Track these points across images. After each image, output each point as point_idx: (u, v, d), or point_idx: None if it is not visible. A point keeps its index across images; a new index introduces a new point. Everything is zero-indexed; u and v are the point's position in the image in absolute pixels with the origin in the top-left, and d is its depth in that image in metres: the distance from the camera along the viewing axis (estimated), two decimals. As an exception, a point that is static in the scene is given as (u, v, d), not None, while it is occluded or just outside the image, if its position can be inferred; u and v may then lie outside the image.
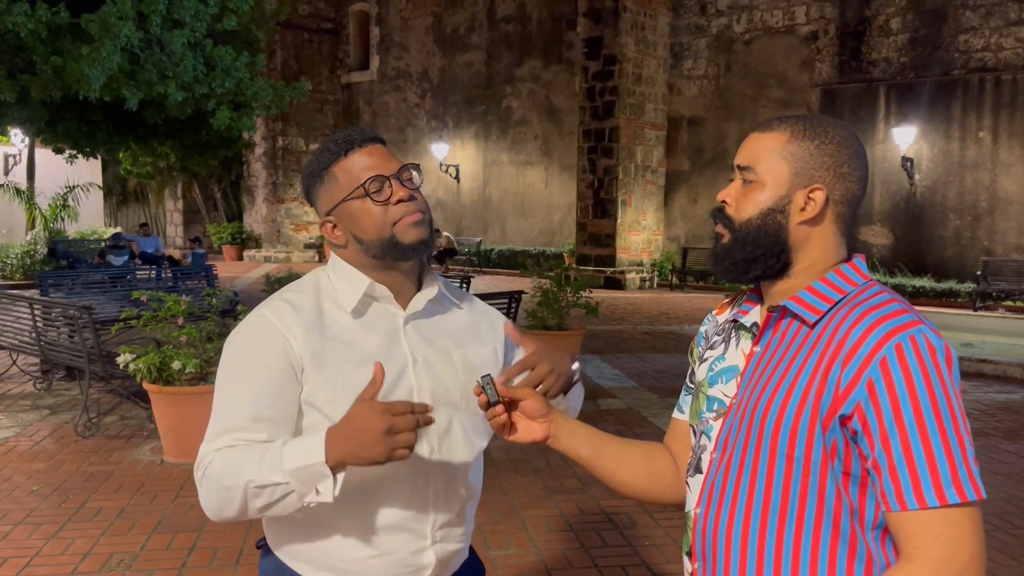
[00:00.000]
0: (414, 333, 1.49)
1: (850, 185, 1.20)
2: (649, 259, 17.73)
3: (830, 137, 1.20)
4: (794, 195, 1.20)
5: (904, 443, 1.06)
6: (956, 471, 1.05)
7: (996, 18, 13.96)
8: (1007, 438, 5.83)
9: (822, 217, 1.20)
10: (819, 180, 1.19)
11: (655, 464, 1.43)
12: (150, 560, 3.63)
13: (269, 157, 23.38)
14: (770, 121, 1.25)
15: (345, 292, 1.47)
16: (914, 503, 1.05)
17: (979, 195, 14.27)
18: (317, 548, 1.45)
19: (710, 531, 1.22)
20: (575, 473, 4.88)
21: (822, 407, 1.11)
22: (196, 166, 15.73)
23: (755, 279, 1.25)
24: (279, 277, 9.29)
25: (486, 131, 20.97)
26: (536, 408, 1.37)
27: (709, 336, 1.38)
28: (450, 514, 1.48)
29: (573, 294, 7.43)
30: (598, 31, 16.72)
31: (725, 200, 1.26)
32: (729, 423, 1.23)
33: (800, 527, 1.14)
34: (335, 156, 1.44)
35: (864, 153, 1.24)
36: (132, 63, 9.26)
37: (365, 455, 1.23)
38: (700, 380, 1.34)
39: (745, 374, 1.24)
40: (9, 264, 17.12)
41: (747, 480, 1.18)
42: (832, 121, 1.23)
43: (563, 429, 1.39)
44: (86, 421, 5.75)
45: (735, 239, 1.23)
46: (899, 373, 1.07)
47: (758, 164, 1.22)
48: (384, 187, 1.42)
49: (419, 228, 1.44)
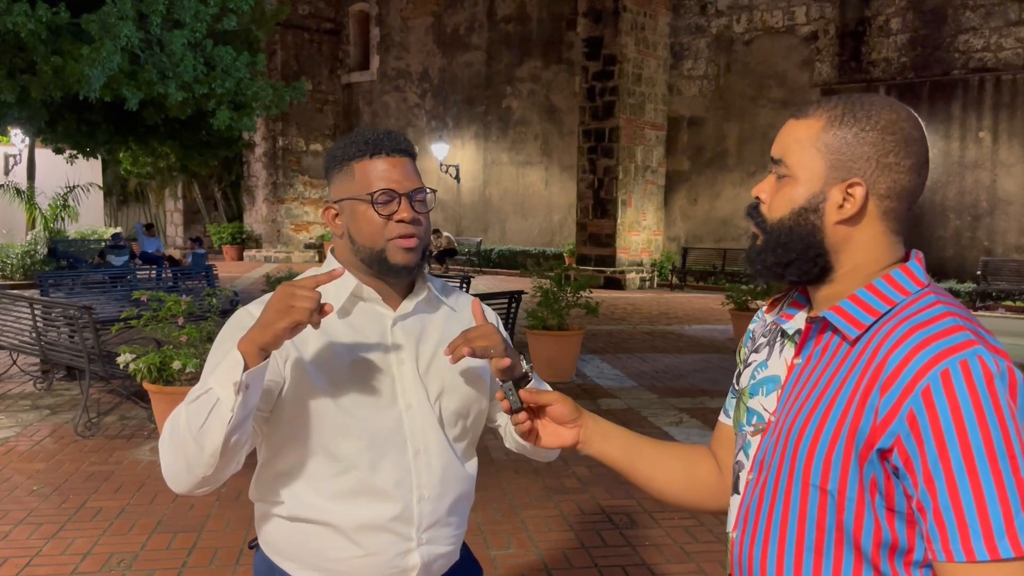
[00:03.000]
0: (402, 334, 1.49)
1: (898, 176, 1.06)
2: (649, 259, 17.73)
3: (873, 122, 1.05)
4: (830, 191, 1.07)
5: (951, 486, 0.92)
6: (1012, 520, 0.90)
7: (996, 18, 13.96)
8: (1007, 438, 5.83)
9: (864, 215, 1.06)
10: (858, 173, 1.05)
11: (697, 471, 1.34)
12: (150, 560, 3.63)
13: (269, 157, 23.38)
14: (807, 106, 1.12)
15: (334, 291, 1.47)
16: (962, 555, 0.91)
17: (979, 195, 14.27)
18: (303, 547, 1.45)
19: (746, 558, 1.14)
20: (575, 473, 4.88)
21: (858, 438, 0.99)
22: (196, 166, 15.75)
23: (793, 284, 1.14)
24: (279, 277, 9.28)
25: (486, 131, 20.97)
26: (564, 413, 1.32)
27: (756, 336, 1.28)
28: (437, 516, 1.47)
29: (573, 294, 7.43)
30: (598, 31, 16.72)
31: (759, 196, 1.15)
32: (766, 444, 1.13)
33: (838, 566, 1.04)
34: (360, 153, 1.45)
35: (919, 137, 1.07)
36: (132, 63, 9.27)
37: (265, 318, 1.25)
38: (742, 387, 1.25)
39: (785, 389, 1.14)
40: (9, 264, 17.12)
41: (779, 510, 1.09)
42: (880, 102, 1.08)
43: (594, 434, 1.33)
44: (86, 421, 5.75)
45: (767, 241, 1.12)
46: (944, 404, 0.93)
47: (789, 156, 1.10)
48: (392, 202, 1.43)
49: (410, 254, 1.44)
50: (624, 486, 4.66)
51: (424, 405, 1.47)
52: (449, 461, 1.49)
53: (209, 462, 1.29)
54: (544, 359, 7.43)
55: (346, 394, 1.42)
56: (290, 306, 1.23)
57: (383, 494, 1.43)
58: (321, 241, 24.02)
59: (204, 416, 1.27)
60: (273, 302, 1.26)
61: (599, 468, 4.99)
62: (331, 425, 1.41)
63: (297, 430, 1.42)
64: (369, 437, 1.42)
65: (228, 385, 1.25)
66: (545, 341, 7.40)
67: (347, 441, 1.41)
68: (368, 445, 1.42)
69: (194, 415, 1.28)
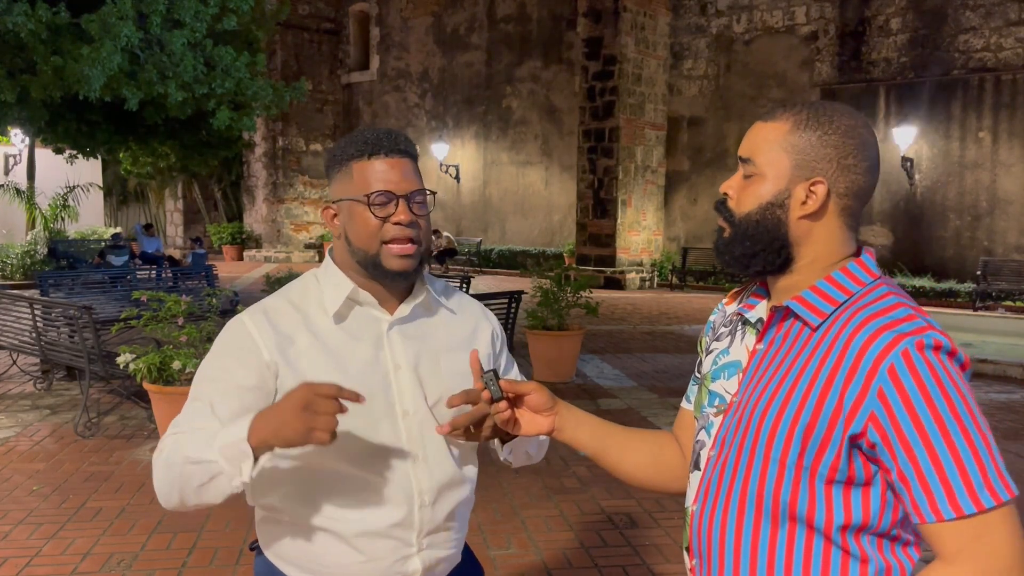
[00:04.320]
0: (399, 338, 1.47)
1: (856, 177, 1.15)
2: (649, 259, 17.73)
3: (835, 127, 1.15)
4: (794, 188, 1.15)
5: (931, 453, 1.02)
6: (986, 474, 1.02)
7: (996, 18, 13.96)
8: (1007, 438, 5.83)
9: (824, 211, 1.16)
10: (821, 172, 1.14)
11: (662, 454, 1.42)
12: (150, 560, 3.63)
13: (269, 157, 23.38)
14: (774, 110, 1.21)
15: (330, 295, 1.46)
16: (950, 513, 1.02)
17: (979, 195, 14.27)
18: (304, 552, 1.45)
19: (705, 530, 1.21)
20: (575, 473, 4.88)
21: (822, 418, 1.07)
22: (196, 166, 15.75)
23: (756, 274, 1.22)
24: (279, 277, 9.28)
25: (486, 131, 20.97)
26: (541, 402, 1.37)
27: (716, 327, 1.36)
28: (437, 521, 1.47)
29: (573, 294, 7.42)
30: (598, 31, 16.72)
31: (727, 192, 1.23)
32: (728, 422, 1.21)
33: (792, 534, 1.13)
34: (359, 154, 1.42)
35: (874, 142, 1.18)
36: (132, 63, 9.26)
37: (283, 431, 1.21)
38: (704, 373, 1.32)
39: (747, 372, 1.22)
40: (9, 264, 17.12)
41: (740, 483, 1.16)
42: (840, 109, 1.18)
43: (567, 421, 1.40)
44: (86, 421, 5.75)
45: (735, 233, 1.20)
46: (910, 380, 1.03)
47: (758, 155, 1.18)
48: (389, 204, 1.40)
49: (406, 260, 1.42)
50: (624, 486, 4.66)
51: (421, 411, 1.45)
52: (448, 467, 1.48)
53: (204, 506, 1.35)
54: (544, 359, 7.43)
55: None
56: (311, 428, 1.19)
57: (383, 501, 1.42)
58: (321, 241, 24.03)
59: (204, 480, 1.29)
60: (294, 411, 1.20)
61: (599, 468, 4.97)
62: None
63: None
64: (367, 444, 1.41)
65: (235, 468, 1.26)
66: (545, 341, 7.40)
67: (344, 449, 1.39)
68: (366, 452, 1.41)
69: (195, 476, 1.29)
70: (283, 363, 1.40)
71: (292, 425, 1.20)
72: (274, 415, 1.24)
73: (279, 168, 23.39)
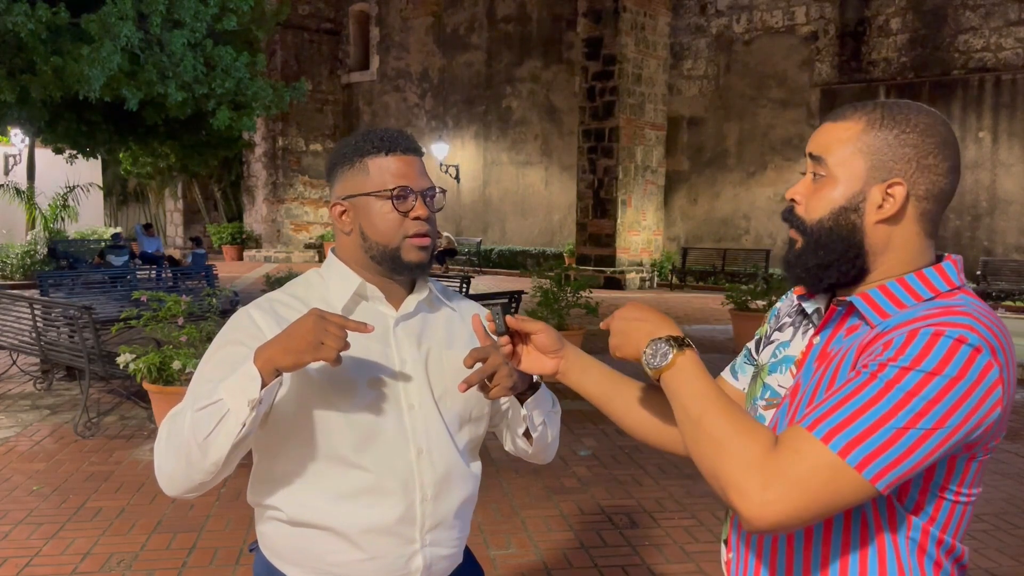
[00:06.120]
0: (404, 334, 1.48)
1: (936, 178, 1.07)
2: (649, 259, 17.73)
3: (912, 125, 1.07)
4: (870, 191, 1.08)
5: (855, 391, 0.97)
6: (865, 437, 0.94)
7: (996, 18, 13.96)
8: (1007, 438, 5.83)
9: (902, 215, 1.08)
10: (899, 174, 1.07)
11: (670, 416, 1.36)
12: (150, 560, 3.63)
13: (269, 157, 23.39)
14: (843, 109, 1.13)
15: (336, 290, 1.47)
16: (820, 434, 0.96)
17: (979, 195, 14.28)
18: (305, 551, 1.44)
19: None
20: (575, 473, 4.88)
21: None
22: (196, 166, 15.74)
23: (830, 287, 1.14)
24: (279, 277, 9.29)
25: (486, 131, 20.97)
26: (548, 342, 1.36)
27: (781, 315, 1.30)
28: (440, 518, 1.47)
29: (573, 294, 7.43)
30: (598, 31, 16.72)
31: (794, 199, 1.15)
32: (778, 417, 1.17)
33: (828, 532, 1.09)
34: (376, 150, 1.45)
35: (954, 141, 1.10)
36: (132, 63, 9.26)
37: (293, 343, 1.23)
38: (763, 363, 1.27)
39: (802, 367, 1.16)
40: (9, 264, 17.12)
41: None
42: (916, 106, 1.10)
43: (574, 366, 1.38)
44: (86, 421, 5.75)
45: (807, 243, 1.12)
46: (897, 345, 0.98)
47: (830, 155, 1.10)
48: (410, 199, 1.43)
49: (423, 252, 1.45)
50: (624, 486, 4.66)
51: (427, 405, 1.46)
52: (453, 461, 1.48)
53: (210, 469, 1.29)
54: (544, 359, 7.42)
55: (347, 395, 1.40)
56: (321, 343, 1.22)
57: (385, 495, 1.42)
58: (321, 241, 24.02)
59: (212, 426, 1.26)
60: (303, 330, 1.23)
61: (599, 468, 4.99)
62: (332, 426, 1.39)
63: (296, 432, 1.40)
64: (371, 437, 1.41)
65: (242, 399, 1.24)
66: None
67: (348, 442, 1.40)
68: (370, 445, 1.41)
69: (201, 423, 1.27)
70: None
71: (304, 337, 1.22)
72: (283, 333, 1.26)
73: (279, 168, 23.40)
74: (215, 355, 1.42)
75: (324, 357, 1.23)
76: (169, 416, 1.36)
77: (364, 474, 1.41)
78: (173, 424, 1.33)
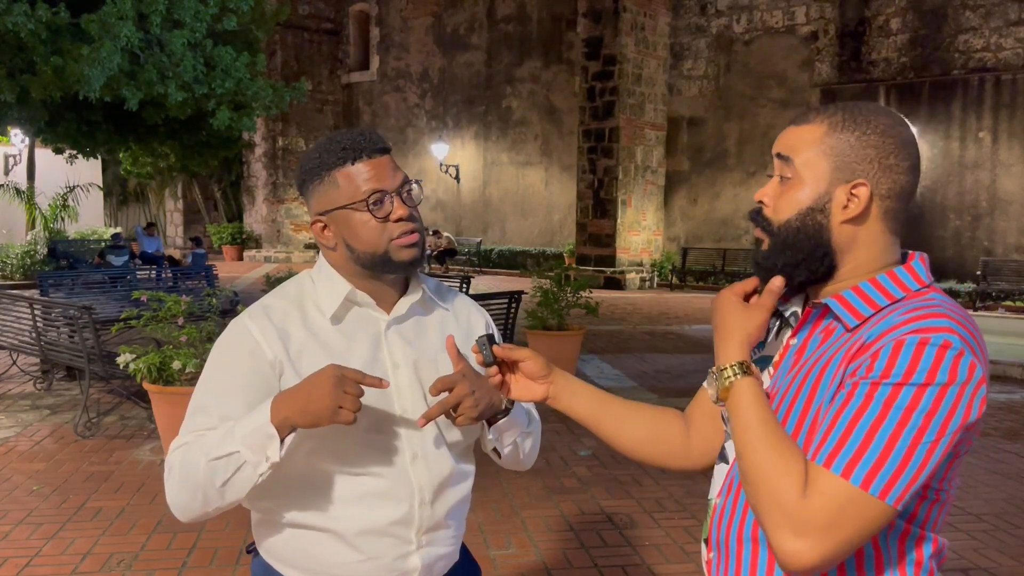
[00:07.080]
0: (396, 338, 1.48)
1: (898, 177, 1.11)
2: (649, 259, 17.74)
3: (872, 126, 1.11)
4: (835, 192, 1.11)
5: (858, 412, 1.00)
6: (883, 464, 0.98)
7: (996, 18, 13.96)
8: (1007, 438, 5.83)
9: (867, 214, 1.12)
10: (862, 174, 1.11)
11: (662, 432, 1.40)
12: (150, 560, 3.63)
13: (269, 157, 23.39)
14: (806, 113, 1.17)
15: (326, 297, 1.46)
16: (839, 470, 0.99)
17: (979, 195, 14.28)
18: (302, 552, 1.44)
19: (726, 522, 1.20)
20: (575, 473, 4.88)
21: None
22: (196, 166, 15.74)
23: (800, 285, 1.18)
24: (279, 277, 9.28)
25: (486, 131, 20.97)
26: (536, 369, 1.38)
27: None
28: (436, 518, 1.47)
29: (573, 294, 7.43)
30: (598, 31, 16.72)
31: (762, 200, 1.18)
32: None
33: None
34: (340, 161, 1.41)
35: (913, 140, 1.14)
36: (132, 63, 9.26)
37: (312, 407, 1.25)
38: None
39: (778, 368, 1.19)
40: (9, 264, 17.12)
41: None
42: (875, 108, 1.14)
43: (563, 390, 1.40)
44: (86, 421, 5.75)
45: (774, 243, 1.16)
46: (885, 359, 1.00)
47: (796, 155, 1.14)
48: (386, 203, 1.40)
49: (413, 249, 1.43)
50: (624, 486, 4.66)
51: (420, 409, 1.45)
52: (447, 464, 1.49)
53: (228, 506, 1.35)
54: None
55: None
56: (340, 408, 1.25)
57: (382, 498, 1.42)
58: (321, 241, 24.00)
59: (229, 474, 1.30)
60: (321, 392, 1.25)
61: (599, 468, 4.99)
62: (327, 431, 1.38)
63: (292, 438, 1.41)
64: (366, 442, 1.41)
65: (260, 455, 1.28)
66: (545, 341, 7.40)
67: (344, 447, 1.40)
68: (365, 450, 1.41)
69: (218, 472, 1.30)
70: (287, 361, 1.40)
71: (322, 401, 1.24)
72: (300, 393, 1.27)
73: (279, 168, 23.40)
74: (214, 373, 1.43)
75: (342, 421, 1.25)
76: (179, 448, 1.38)
77: (360, 479, 1.41)
78: (185, 460, 1.35)
